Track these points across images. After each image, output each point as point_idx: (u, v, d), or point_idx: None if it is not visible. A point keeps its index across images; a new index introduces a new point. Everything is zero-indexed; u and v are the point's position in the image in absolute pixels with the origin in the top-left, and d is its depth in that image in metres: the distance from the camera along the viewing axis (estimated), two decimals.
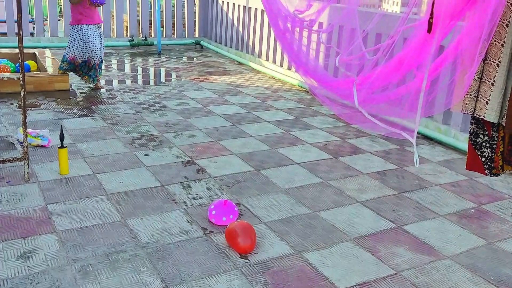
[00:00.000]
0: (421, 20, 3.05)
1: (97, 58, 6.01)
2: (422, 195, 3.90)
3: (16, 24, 8.53)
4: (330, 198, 3.75)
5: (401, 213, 3.58)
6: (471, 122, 3.11)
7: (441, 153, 4.83)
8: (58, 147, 3.79)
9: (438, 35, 2.89)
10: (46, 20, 9.36)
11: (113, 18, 9.78)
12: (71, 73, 6.27)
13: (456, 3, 2.86)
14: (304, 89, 6.97)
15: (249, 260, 2.90)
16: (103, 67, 6.69)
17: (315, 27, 4.10)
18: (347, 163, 4.44)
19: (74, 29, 5.89)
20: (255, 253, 2.96)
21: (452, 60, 3.14)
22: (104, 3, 6.01)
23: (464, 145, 4.82)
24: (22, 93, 3.52)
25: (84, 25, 5.87)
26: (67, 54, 5.96)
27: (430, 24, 2.91)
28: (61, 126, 3.90)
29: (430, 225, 3.44)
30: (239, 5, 8.81)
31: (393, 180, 4.14)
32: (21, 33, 3.42)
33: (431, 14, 2.88)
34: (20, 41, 3.43)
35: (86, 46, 5.91)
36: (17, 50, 6.84)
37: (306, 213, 3.49)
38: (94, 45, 5.93)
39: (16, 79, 3.56)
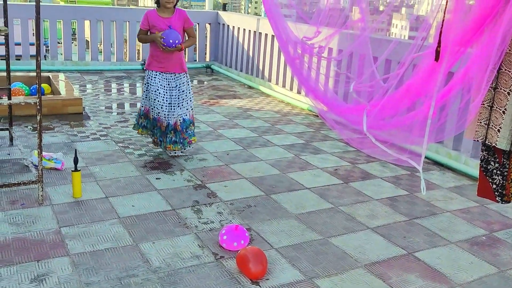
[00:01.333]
0: (429, 49, 3.10)
1: (158, 114, 4.70)
2: (433, 221, 3.90)
3: (31, 47, 8.73)
4: (341, 224, 3.76)
5: (412, 240, 3.58)
6: (481, 149, 3.13)
7: (451, 179, 4.82)
8: (72, 171, 3.85)
9: (446, 64, 2.94)
10: (60, 42, 9.54)
11: (126, 42, 9.95)
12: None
13: (463, 32, 2.91)
14: (314, 113, 7.01)
15: (260, 286, 2.90)
16: (182, 137, 4.80)
17: (325, 54, 4.16)
18: (358, 189, 4.45)
19: (145, 74, 4.83)
20: (266, 279, 2.96)
21: (460, 88, 3.18)
22: (174, 46, 4.54)
23: (474, 171, 4.82)
24: (38, 117, 3.59)
25: (151, 71, 4.73)
26: (141, 104, 4.91)
27: (437, 53, 2.96)
28: (75, 149, 3.96)
29: (441, 252, 3.43)
30: (249, 30, 8.95)
31: (404, 206, 4.13)
32: (39, 59, 3.51)
33: (439, 42, 2.93)
34: (38, 67, 3.52)
35: (147, 96, 4.79)
36: (31, 74, 7.00)
37: (317, 239, 3.50)
38: (155, 98, 4.68)
39: (33, 103, 3.63)
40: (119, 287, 2.80)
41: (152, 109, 4.75)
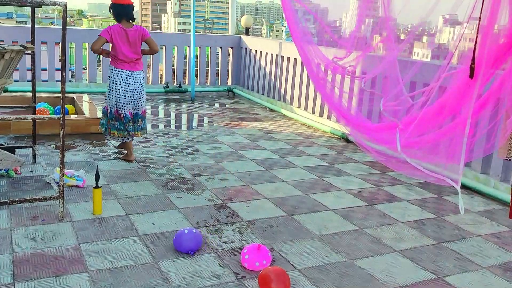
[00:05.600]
0: (461, 67, 3.02)
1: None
2: (463, 245, 3.74)
3: (56, 72, 8.88)
4: (366, 246, 3.63)
5: (442, 264, 3.42)
6: None
7: (480, 203, 4.66)
8: (93, 187, 3.82)
9: (480, 81, 2.85)
10: (85, 68, 9.71)
11: (149, 67, 10.07)
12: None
13: (498, 48, 2.83)
14: (337, 136, 6.93)
15: None
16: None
17: (357, 74, 4.13)
18: (383, 211, 4.32)
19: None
20: None
21: (493, 104, 3.08)
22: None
23: (505, 195, 4.65)
24: (61, 133, 3.59)
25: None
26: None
27: (472, 70, 2.88)
28: (97, 166, 3.94)
29: (473, 277, 3.27)
30: (271, 54, 8.98)
31: (432, 230, 3.99)
32: (63, 74, 3.53)
33: (473, 59, 2.85)
34: (63, 82, 3.53)
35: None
36: (56, 95, 7.09)
37: (342, 261, 3.38)
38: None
39: (56, 119, 3.64)
40: None
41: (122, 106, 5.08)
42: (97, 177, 3.80)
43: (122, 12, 5.00)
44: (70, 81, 9.28)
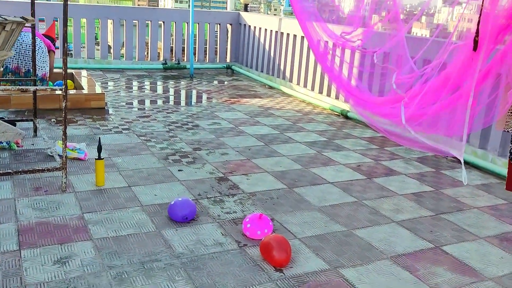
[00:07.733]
0: (466, 40, 3.04)
1: None
2: (460, 217, 3.80)
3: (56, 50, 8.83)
4: (365, 217, 3.69)
5: (439, 234, 3.49)
6: (511, 141, 3.05)
7: (478, 177, 4.71)
8: (96, 159, 3.85)
9: (484, 53, 2.87)
10: (84, 47, 9.65)
11: (147, 45, 10.02)
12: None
13: (501, 23, 2.85)
14: (336, 113, 6.95)
15: (284, 273, 2.85)
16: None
17: (357, 43, 4.15)
18: (382, 184, 4.37)
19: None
20: (290, 267, 2.91)
21: (494, 78, 3.11)
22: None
23: (502, 169, 4.71)
24: (64, 104, 3.61)
25: None
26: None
27: (475, 42, 2.90)
28: (99, 138, 3.96)
29: (470, 247, 3.34)
30: (271, 31, 8.94)
31: (430, 202, 4.05)
32: (65, 45, 3.53)
33: (477, 32, 2.87)
34: (65, 53, 3.54)
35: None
36: (55, 70, 7.08)
37: (341, 231, 3.44)
38: None
39: (59, 89, 3.65)
40: (142, 271, 2.77)
41: None
42: (99, 149, 3.83)
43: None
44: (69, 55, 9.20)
